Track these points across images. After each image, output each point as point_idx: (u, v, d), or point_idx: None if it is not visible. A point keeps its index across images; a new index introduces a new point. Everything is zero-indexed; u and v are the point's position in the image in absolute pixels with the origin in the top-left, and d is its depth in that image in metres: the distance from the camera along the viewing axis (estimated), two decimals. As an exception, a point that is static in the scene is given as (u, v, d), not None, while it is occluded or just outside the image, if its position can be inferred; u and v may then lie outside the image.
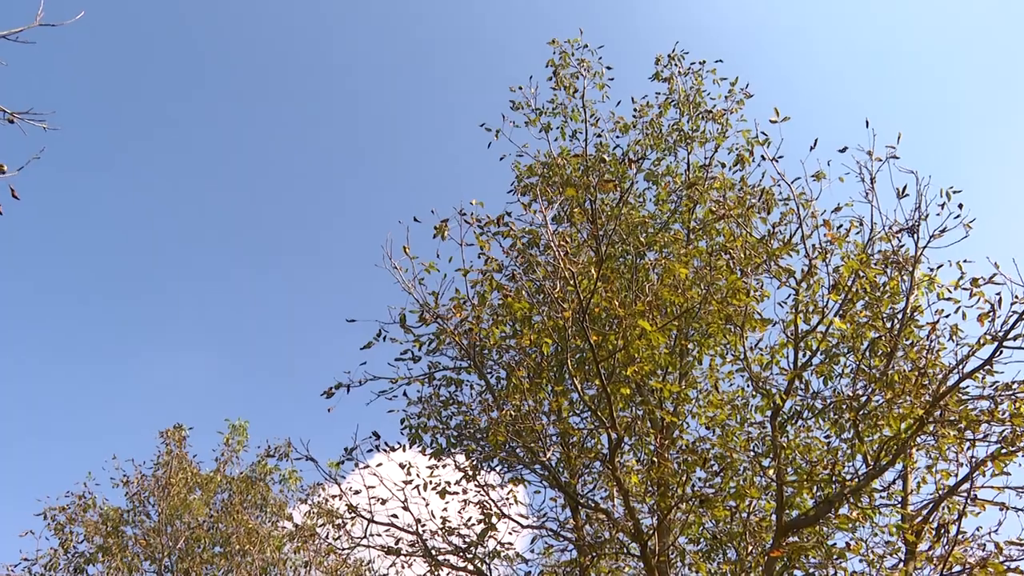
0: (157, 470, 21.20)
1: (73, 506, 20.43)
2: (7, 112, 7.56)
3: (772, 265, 10.68)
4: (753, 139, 12.33)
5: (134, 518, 20.75)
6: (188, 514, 20.23)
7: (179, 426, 21.97)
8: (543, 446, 9.85)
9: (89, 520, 20.34)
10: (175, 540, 20.08)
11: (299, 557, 19.58)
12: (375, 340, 10.46)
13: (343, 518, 11.51)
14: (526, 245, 11.41)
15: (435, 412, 10.79)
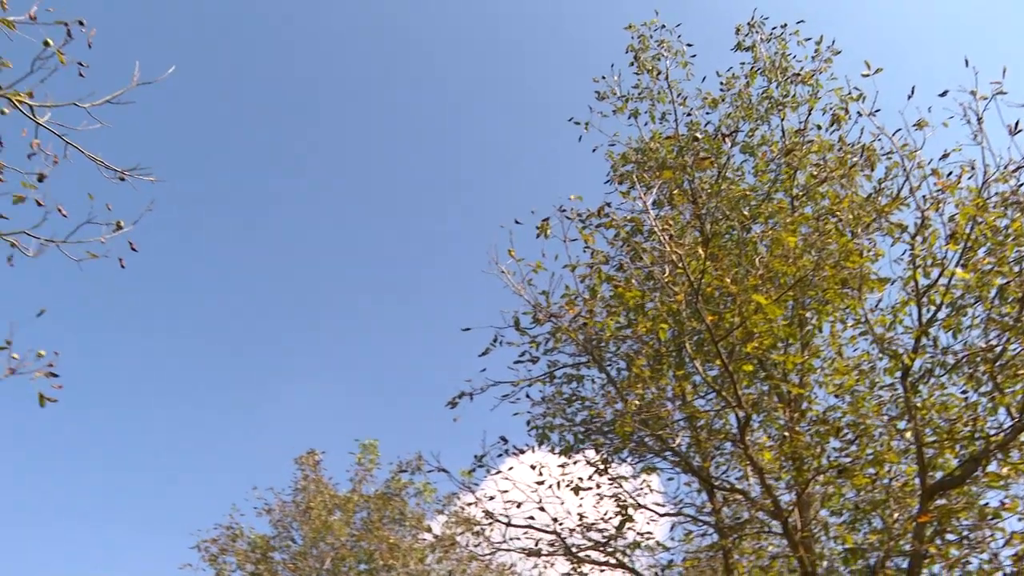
0: (296, 495, 21.92)
1: (223, 537, 21.32)
2: (117, 171, 7.96)
3: (883, 222, 10.39)
4: (847, 96, 12.01)
5: (280, 543, 21.49)
6: (331, 535, 20.81)
7: (312, 451, 22.67)
8: (671, 432, 9.80)
9: (239, 549, 21.18)
10: (321, 561, 20.69)
11: (442, 567, 19.91)
12: (492, 346, 10.58)
13: (481, 525, 11.64)
14: (630, 233, 11.37)
15: (560, 410, 10.85)
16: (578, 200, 10.63)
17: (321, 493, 21.68)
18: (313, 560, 20.77)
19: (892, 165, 11.26)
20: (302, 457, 22.58)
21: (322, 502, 21.40)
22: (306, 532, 21.15)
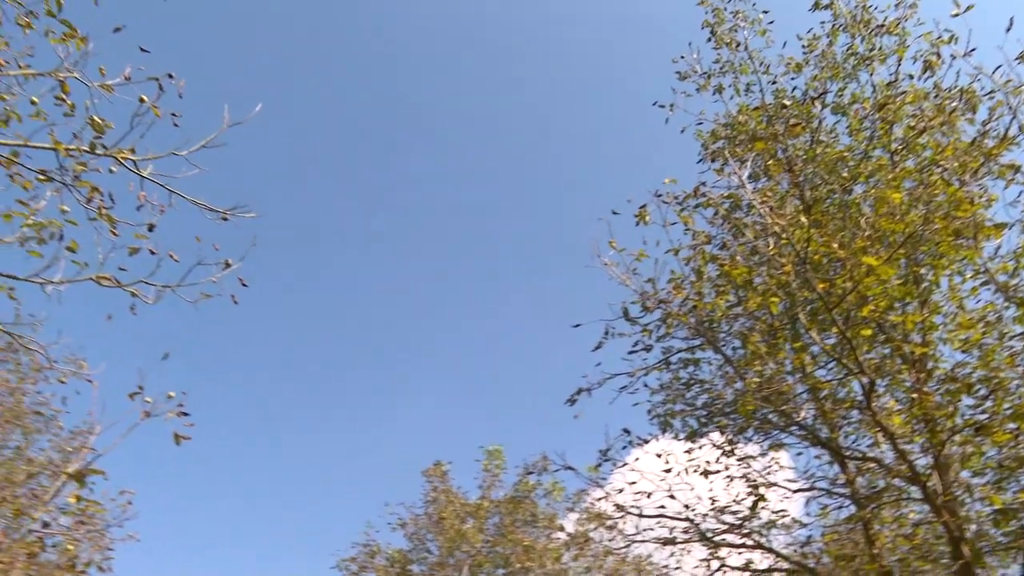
0: (428, 507, 22.29)
1: (362, 555, 21.83)
2: (220, 212, 8.27)
3: (992, 166, 9.98)
4: (937, 40, 11.56)
5: (417, 556, 21.89)
6: (465, 543, 21.08)
7: (439, 463, 23.04)
8: (795, 406, 9.63)
9: (379, 565, 21.66)
10: (459, 570, 20.97)
11: (579, 564, 19.95)
12: (604, 339, 10.59)
13: (613, 518, 11.64)
14: (729, 210, 11.22)
15: (679, 396, 10.78)
16: (673, 183, 10.56)
17: (452, 503, 21.99)
18: (451, 569, 21.08)
19: (996, 105, 10.79)
20: (429, 469, 22.97)
21: (453, 511, 21.71)
22: (441, 542, 21.49)
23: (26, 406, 15.08)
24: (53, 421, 15.35)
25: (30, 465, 14.79)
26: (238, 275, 8.25)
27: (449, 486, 22.60)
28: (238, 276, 8.26)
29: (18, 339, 8.60)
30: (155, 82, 7.51)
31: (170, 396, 7.84)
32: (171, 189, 7.83)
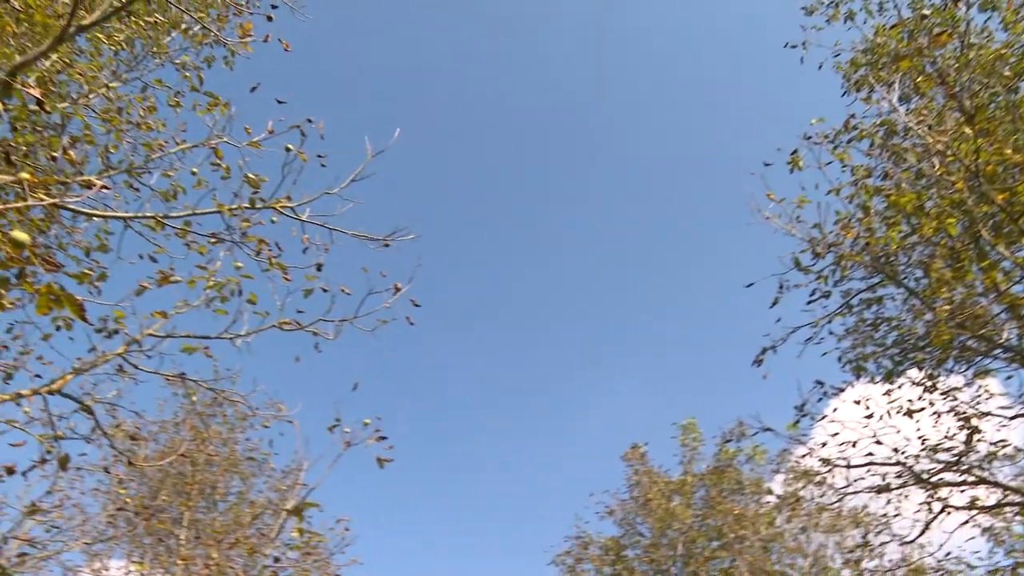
0: (632, 491, 22.29)
1: (575, 547, 22.04)
2: (380, 239, 8.55)
3: None
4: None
5: (630, 540, 21.90)
6: (675, 521, 20.94)
7: (636, 445, 23.01)
8: (994, 328, 9.07)
9: (593, 555, 21.81)
10: (674, 548, 20.86)
11: (793, 525, 19.49)
12: (780, 293, 10.30)
13: (820, 474, 11.31)
14: (884, 138, 10.68)
15: (868, 338, 10.36)
16: (821, 122, 10.16)
17: (655, 483, 21.90)
18: (665, 549, 20.99)
19: None
20: (627, 453, 22.97)
21: (659, 491, 21.61)
22: (651, 523, 21.43)
23: (239, 454, 16.11)
24: (265, 464, 16.35)
25: (253, 507, 15.77)
26: (409, 297, 8.53)
27: (650, 467, 22.53)
28: (410, 298, 8.54)
29: (221, 393, 9.19)
30: (297, 129, 7.86)
31: (366, 423, 8.19)
32: (330, 227, 8.18)
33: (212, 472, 15.70)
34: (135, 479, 15.49)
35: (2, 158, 6.94)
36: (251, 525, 15.33)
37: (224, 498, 15.93)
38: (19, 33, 7.65)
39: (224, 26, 9.07)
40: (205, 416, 15.63)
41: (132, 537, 15.15)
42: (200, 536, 15.15)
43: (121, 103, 8.89)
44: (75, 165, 7.74)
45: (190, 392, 9.18)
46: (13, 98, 7.45)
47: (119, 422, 8.87)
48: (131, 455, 10.05)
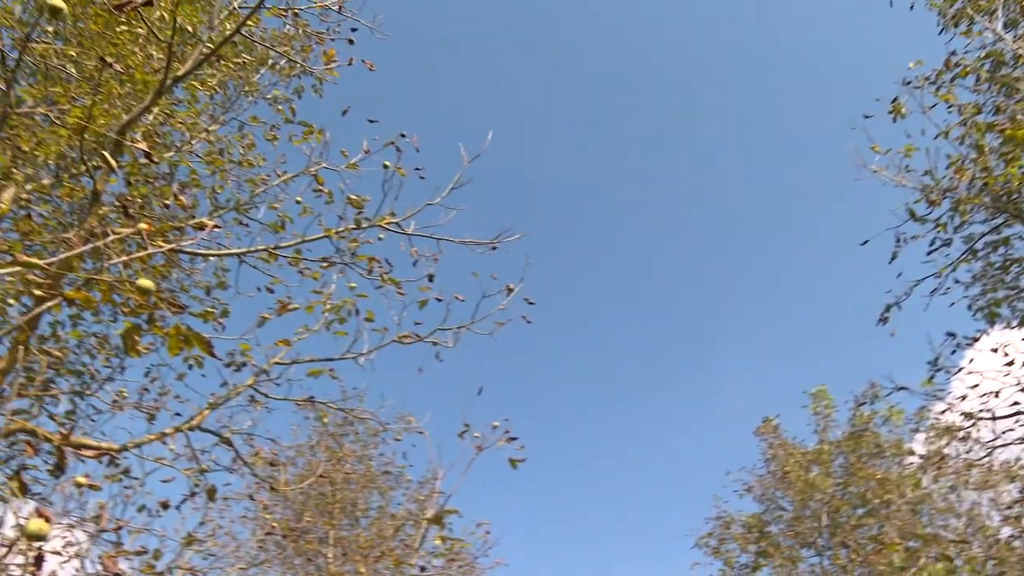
0: (769, 466, 21.90)
1: (717, 528, 21.78)
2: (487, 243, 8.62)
3: None
4: None
5: (772, 516, 21.51)
6: (816, 491, 20.48)
7: (768, 419, 22.60)
8: None
9: (736, 534, 21.51)
10: (818, 519, 20.39)
11: (941, 485, 18.80)
12: (898, 247, 9.96)
13: (963, 428, 10.88)
14: (991, 71, 10.19)
15: (998, 282, 9.91)
16: (919, 65, 9.78)
17: (791, 455, 21.45)
18: (809, 521, 20.53)
19: None
20: (760, 428, 22.58)
21: (796, 463, 21.15)
22: (792, 496, 20.99)
23: (375, 469, 16.49)
24: (401, 476, 16.70)
25: (394, 520, 16.12)
26: (523, 296, 8.59)
27: (784, 439, 22.06)
28: (524, 297, 8.60)
29: (351, 412, 9.42)
30: (392, 146, 8.01)
31: (495, 426, 8.26)
32: (437, 237, 8.31)
33: (351, 490, 16.12)
34: (279, 503, 16.04)
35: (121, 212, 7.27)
36: (394, 537, 15.67)
37: (366, 514, 16.34)
38: (123, 94, 8.00)
39: (309, 56, 9.30)
40: (338, 436, 16.07)
41: (283, 559, 15.67)
42: (347, 553, 15.56)
43: (222, 144, 9.22)
44: (187, 209, 8.06)
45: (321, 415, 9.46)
46: (124, 155, 7.81)
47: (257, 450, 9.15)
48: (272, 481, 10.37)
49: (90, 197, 7.14)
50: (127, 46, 8.20)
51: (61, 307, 8.02)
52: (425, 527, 15.33)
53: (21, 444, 7.48)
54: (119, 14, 7.76)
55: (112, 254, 6.56)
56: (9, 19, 8.03)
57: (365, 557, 15.13)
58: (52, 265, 4.61)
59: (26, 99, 7.85)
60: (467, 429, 8.41)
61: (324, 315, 8.17)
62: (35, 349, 7.41)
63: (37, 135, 8.05)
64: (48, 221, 8.67)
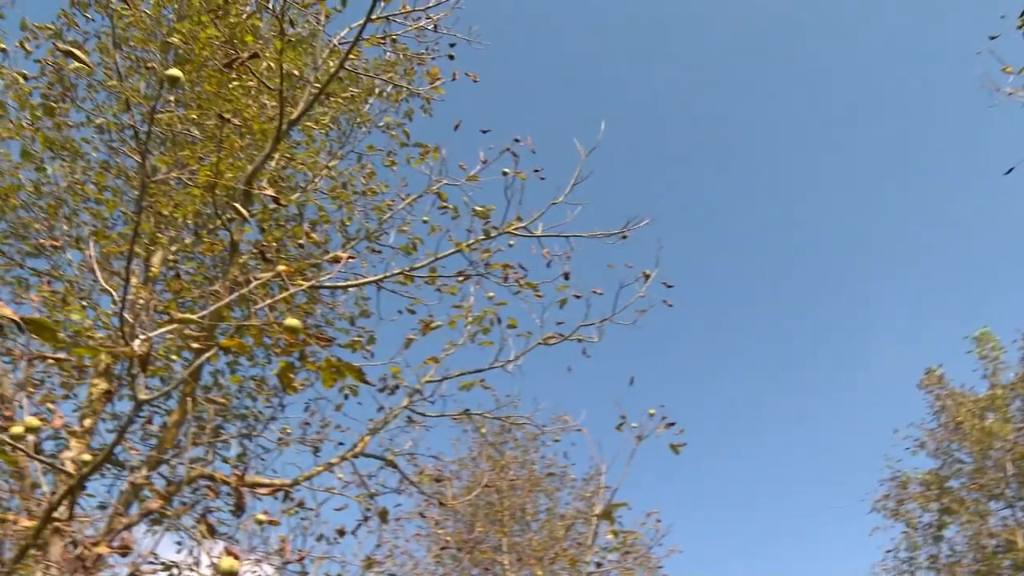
0: (939, 417, 20.97)
1: (893, 489, 20.99)
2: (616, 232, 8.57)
3: None
4: None
5: (950, 470, 20.61)
6: (995, 439, 19.48)
7: (931, 369, 21.66)
8: None
9: (915, 493, 20.69)
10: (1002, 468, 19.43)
11: None
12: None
13: None
14: None
15: None
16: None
17: (962, 404, 20.47)
18: (992, 471, 19.54)
19: None
20: (924, 379, 21.65)
21: (968, 411, 20.18)
22: (969, 447, 20.03)
23: (538, 472, 16.61)
24: (565, 476, 16.76)
25: (564, 520, 16.18)
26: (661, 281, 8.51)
27: (951, 388, 21.08)
28: (661, 282, 8.52)
29: (507, 420, 9.53)
30: (508, 152, 8.08)
31: (651, 414, 8.21)
32: (566, 235, 8.33)
33: (518, 495, 16.28)
34: (450, 517, 16.34)
35: (259, 258, 7.57)
36: (566, 537, 15.73)
37: (535, 517, 16.47)
38: (244, 145, 8.34)
39: (413, 78, 9.47)
40: (498, 444, 16.26)
41: (460, 572, 15.95)
42: (521, 558, 15.71)
43: (344, 178, 9.49)
44: (320, 246, 8.32)
45: (478, 426, 9.61)
46: (254, 203, 8.14)
47: (422, 468, 9.36)
48: (440, 496, 10.59)
49: (229, 248, 7.47)
50: (241, 100, 8.53)
51: (218, 356, 8.40)
52: (595, 523, 15.33)
53: (203, 489, 7.86)
54: (230, 71, 8.11)
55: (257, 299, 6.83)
56: (136, 96, 8.48)
57: (540, 560, 15.25)
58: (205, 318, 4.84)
59: (160, 167, 8.28)
60: (624, 421, 8.39)
61: (467, 328, 8.30)
62: (201, 399, 7.80)
63: (173, 198, 8.48)
64: (195, 277, 9.11)
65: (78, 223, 8.87)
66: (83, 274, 8.55)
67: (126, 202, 9.02)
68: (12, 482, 6.57)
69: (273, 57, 8.39)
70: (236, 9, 8.58)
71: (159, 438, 7.57)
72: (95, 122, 9.16)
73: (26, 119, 8.73)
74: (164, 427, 7.73)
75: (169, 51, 8.92)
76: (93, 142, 9.25)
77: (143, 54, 9.31)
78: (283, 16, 6.71)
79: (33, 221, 8.68)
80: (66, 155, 8.98)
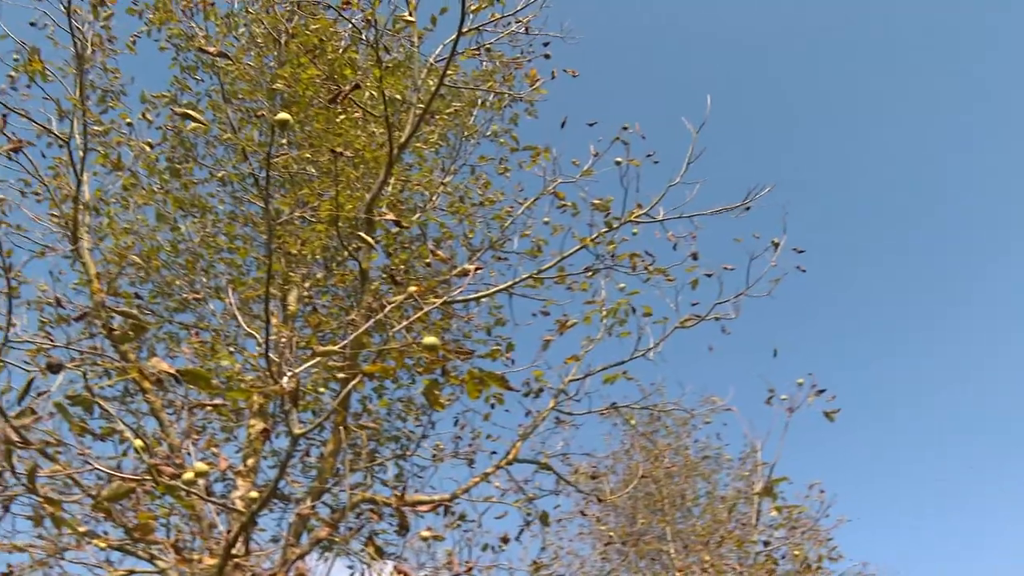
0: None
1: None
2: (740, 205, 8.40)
3: None
4: None
5: None
6: None
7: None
8: None
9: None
10: None
11: None
12: None
13: None
14: None
15: None
16: None
17: None
18: None
19: None
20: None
21: None
22: None
23: (693, 457, 16.39)
24: (720, 457, 16.49)
25: (725, 502, 15.91)
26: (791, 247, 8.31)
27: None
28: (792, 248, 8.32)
29: (655, 408, 9.45)
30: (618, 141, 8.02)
31: (800, 383, 8.01)
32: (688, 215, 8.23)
33: (676, 483, 16.10)
34: (610, 512, 16.29)
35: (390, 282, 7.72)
36: (730, 519, 15.46)
37: (696, 502, 16.25)
38: (359, 175, 8.53)
39: (512, 83, 9.49)
40: (649, 434, 16.14)
41: (627, 565, 15.88)
42: (687, 545, 15.53)
43: (460, 192, 9.59)
44: (447, 262, 8.41)
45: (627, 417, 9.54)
46: (377, 230, 8.31)
47: (576, 467, 9.38)
48: (598, 492, 10.57)
49: (359, 277, 7.64)
50: (350, 132, 8.73)
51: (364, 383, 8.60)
52: (758, 502, 15.03)
53: (366, 513, 8.04)
54: (335, 106, 8.32)
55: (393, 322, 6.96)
56: (251, 145, 8.79)
57: (706, 544, 15.04)
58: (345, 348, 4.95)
59: (283, 209, 8.56)
60: (772, 394, 8.20)
61: (603, 322, 8.28)
62: (353, 426, 8.00)
63: (300, 237, 8.74)
64: (331, 309, 9.36)
65: (215, 274, 9.24)
66: (226, 321, 8.89)
67: (256, 247, 9.36)
68: (192, 524, 6.87)
69: (374, 86, 8.55)
70: (331, 46, 8.78)
71: (318, 469, 7.79)
72: (217, 176, 9.54)
73: (156, 184, 9.19)
74: (321, 457, 7.95)
75: (275, 97, 9.22)
76: (218, 195, 9.66)
77: (252, 104, 9.66)
78: (378, 44, 6.83)
79: (175, 278, 9.09)
80: (196, 212, 9.39)
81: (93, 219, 8.61)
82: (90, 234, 8.37)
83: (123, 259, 8.55)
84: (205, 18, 9.53)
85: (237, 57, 9.33)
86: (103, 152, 8.81)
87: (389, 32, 9.35)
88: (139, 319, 4.45)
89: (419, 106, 7.48)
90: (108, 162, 8.78)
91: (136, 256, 8.73)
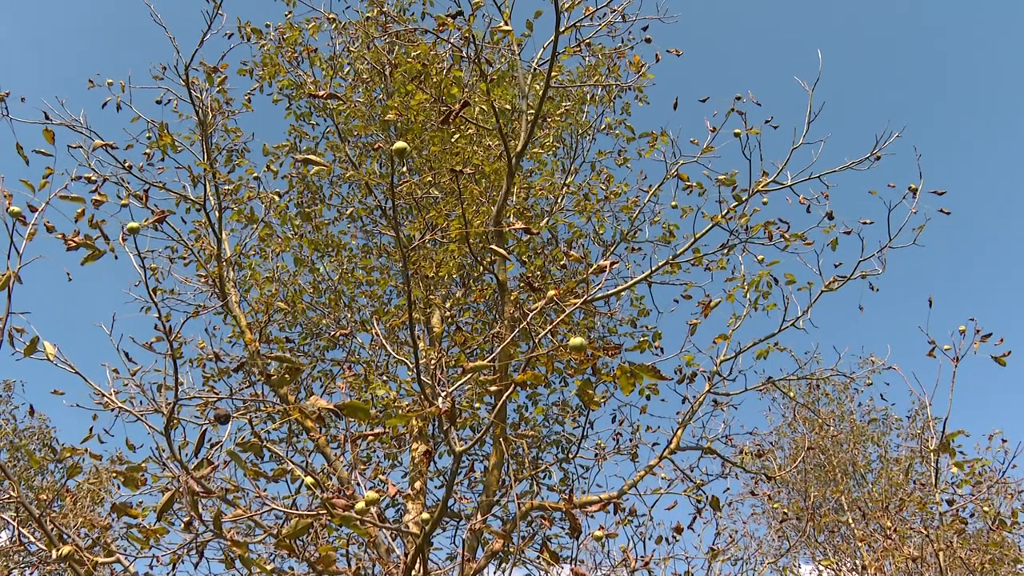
0: None
1: None
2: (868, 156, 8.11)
3: None
4: None
5: None
6: None
7: None
8: None
9: None
10: None
11: None
12: None
13: None
14: None
15: None
16: None
17: None
18: None
19: None
20: None
21: None
22: None
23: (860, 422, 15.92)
24: (888, 418, 15.98)
25: (900, 464, 15.37)
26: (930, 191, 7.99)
27: None
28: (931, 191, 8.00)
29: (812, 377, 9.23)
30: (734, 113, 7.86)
31: (962, 330, 7.66)
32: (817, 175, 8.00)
33: (845, 451, 15.67)
34: (781, 489, 15.96)
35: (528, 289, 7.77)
36: (907, 481, 14.91)
37: (869, 468, 15.77)
38: (483, 189, 8.63)
39: (618, 73, 9.43)
40: (810, 404, 15.77)
41: (807, 540, 15.50)
42: (865, 513, 15.05)
43: (584, 190, 9.59)
44: (581, 261, 8.41)
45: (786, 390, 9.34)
46: (508, 240, 8.38)
47: (740, 448, 9.21)
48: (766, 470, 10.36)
49: (498, 289, 7.72)
50: (466, 149, 8.85)
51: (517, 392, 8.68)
52: (935, 459, 14.43)
53: (537, 520, 8.10)
54: (448, 126, 8.44)
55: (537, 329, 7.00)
56: (373, 178, 9.02)
57: (886, 510, 14.52)
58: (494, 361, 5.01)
59: (413, 234, 8.73)
60: (934, 345, 7.86)
61: (746, 297, 8.12)
62: (512, 437, 8.08)
63: (434, 259, 8.90)
64: (474, 325, 9.49)
65: (358, 308, 9.51)
66: (376, 352, 9.13)
67: (393, 276, 9.58)
68: (370, 551, 7.07)
69: (482, 100, 8.64)
70: (435, 69, 8.92)
71: (484, 483, 7.89)
72: (346, 213, 9.83)
73: (289, 230, 9.53)
74: (486, 471, 8.05)
75: (389, 128, 9.43)
76: (350, 231, 9.95)
77: (368, 138, 9.92)
78: (479, 59, 6.89)
79: (320, 317, 9.40)
80: (331, 251, 9.69)
81: (237, 273, 9.00)
82: (236, 287, 8.76)
83: (270, 307, 8.89)
84: (311, 65, 9.85)
85: (346, 96, 9.59)
86: (236, 208, 9.21)
87: (488, 45, 9.43)
88: (293, 362, 4.61)
89: (530, 112, 7.52)
90: (242, 217, 9.18)
91: (281, 302, 9.07)
